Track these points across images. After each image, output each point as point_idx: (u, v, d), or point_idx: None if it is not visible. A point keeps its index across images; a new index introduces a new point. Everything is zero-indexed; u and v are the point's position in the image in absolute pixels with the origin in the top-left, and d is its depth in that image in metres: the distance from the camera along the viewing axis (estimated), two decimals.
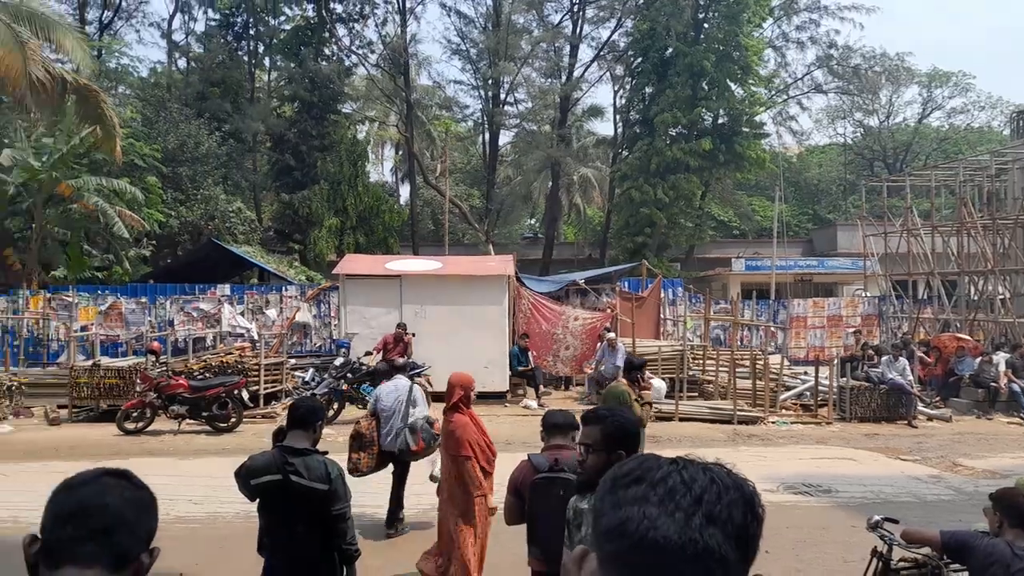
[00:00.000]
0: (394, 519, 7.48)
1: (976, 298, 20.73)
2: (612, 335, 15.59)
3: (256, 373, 14.44)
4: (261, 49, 34.37)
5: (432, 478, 7.06)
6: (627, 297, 18.64)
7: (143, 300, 18.59)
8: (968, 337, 17.68)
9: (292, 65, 31.68)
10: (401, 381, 7.76)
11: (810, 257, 32.78)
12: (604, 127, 41.62)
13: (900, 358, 14.80)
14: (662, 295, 19.91)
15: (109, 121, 18.92)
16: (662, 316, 19.88)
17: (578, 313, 18.00)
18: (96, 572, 1.39)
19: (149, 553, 1.49)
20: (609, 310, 18.30)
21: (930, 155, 44.11)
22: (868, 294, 24.06)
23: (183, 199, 25.54)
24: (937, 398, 16.14)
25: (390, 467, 7.57)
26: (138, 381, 13.04)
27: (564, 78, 34.14)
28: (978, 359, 15.98)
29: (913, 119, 47.61)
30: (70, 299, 18.19)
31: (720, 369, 15.98)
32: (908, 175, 24.14)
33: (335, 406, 13.46)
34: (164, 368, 13.86)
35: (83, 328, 17.93)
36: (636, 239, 30.12)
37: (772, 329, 20.51)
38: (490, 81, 34.12)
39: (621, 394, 6.03)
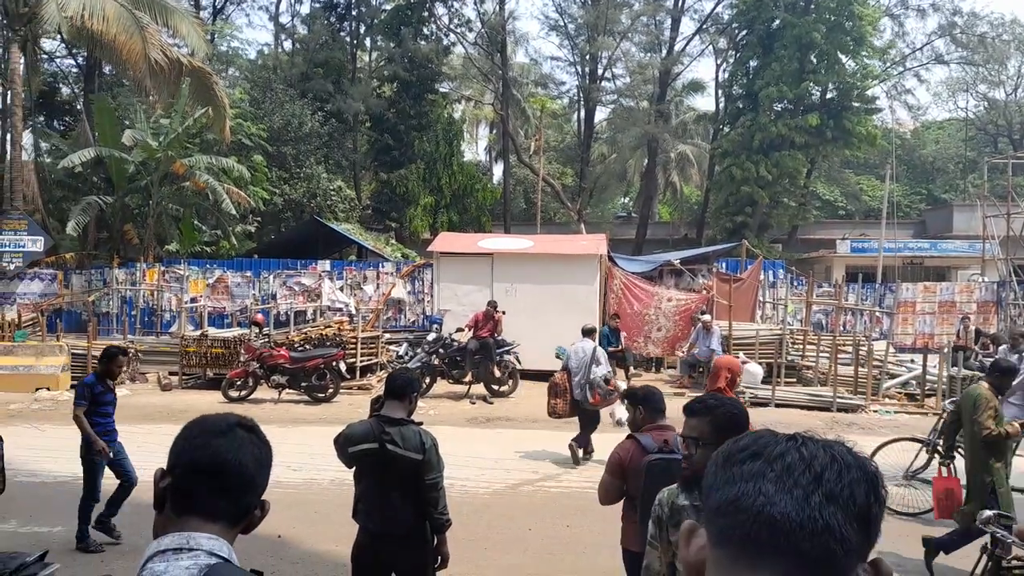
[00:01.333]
0: (582, 454, 9.35)
1: None
2: (707, 317, 15.22)
3: (353, 346, 14.90)
4: (363, 30, 35.05)
5: (618, 423, 9.01)
6: (725, 279, 18.13)
7: (248, 274, 19.46)
8: None
9: (392, 45, 32.19)
10: (587, 344, 9.57)
11: (922, 239, 31.00)
12: (705, 102, 40.56)
13: (1021, 347, 13.80)
14: (762, 277, 19.27)
15: (220, 102, 19.83)
16: (761, 299, 19.25)
17: (672, 294, 17.66)
18: (220, 527, 1.47)
19: (261, 506, 1.55)
20: (705, 291, 17.86)
21: None
22: (986, 279, 22.53)
23: (287, 177, 26.49)
24: None
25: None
26: (242, 351, 13.69)
27: (664, 52, 33.32)
28: None
29: None
30: (182, 272, 19.24)
31: (821, 355, 15.35)
32: None
33: (427, 380, 13.73)
34: (267, 339, 14.49)
35: (193, 300, 18.95)
36: (736, 219, 29.22)
37: (877, 314, 19.54)
38: (587, 57, 33.68)
39: (978, 398, 5.67)
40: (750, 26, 30.73)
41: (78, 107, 27.21)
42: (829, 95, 30.56)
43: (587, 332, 10.00)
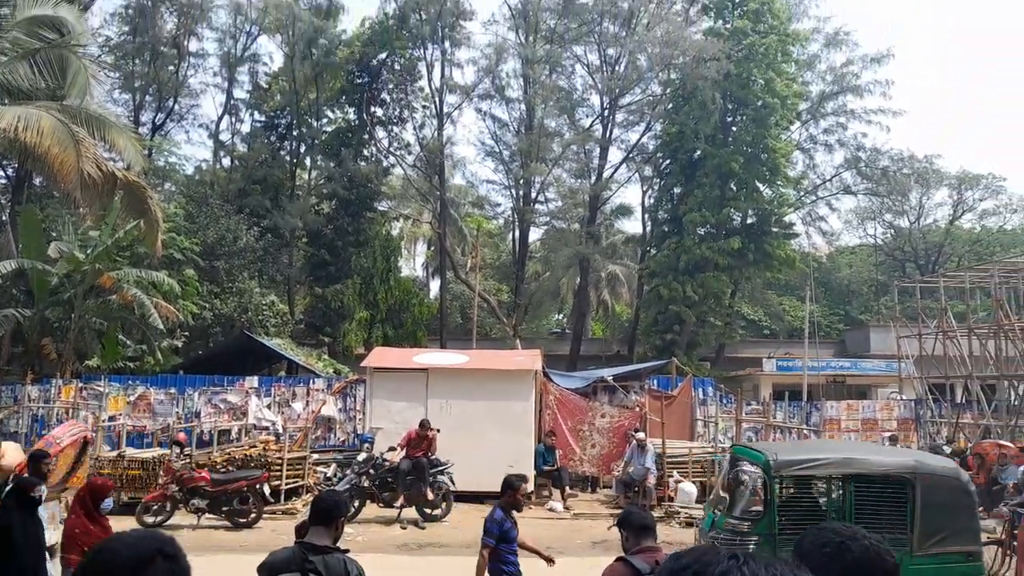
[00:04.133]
0: None
1: (1017, 403, 20.08)
2: (641, 435, 15.30)
3: (279, 468, 14.34)
4: (303, 149, 35.81)
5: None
6: (657, 396, 18.37)
7: (172, 391, 18.77)
8: (1011, 444, 17.01)
9: (332, 164, 32.90)
10: None
11: (843, 358, 32.23)
12: (633, 225, 42.17)
13: None
14: (692, 394, 19.59)
15: (153, 216, 19.67)
16: (694, 417, 19.50)
17: (605, 410, 17.75)
18: None
19: None
20: (638, 408, 18.02)
21: (963, 257, 43.75)
22: (904, 397, 23.43)
23: (218, 292, 26.12)
24: (981, 508, 15.39)
25: None
26: (161, 473, 13.02)
27: (594, 178, 34.90)
28: (1022, 468, 15.31)
29: (944, 220, 47.49)
30: (101, 389, 18.42)
31: None
32: (942, 276, 23.93)
33: (356, 503, 13.24)
34: (188, 460, 13.84)
35: (111, 418, 18.07)
36: (665, 336, 29.95)
37: (805, 432, 19.98)
38: (521, 181, 34.99)
39: None
40: (673, 156, 32.68)
41: (3, 218, 26.59)
42: (749, 220, 32.34)
43: None
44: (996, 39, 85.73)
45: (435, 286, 44.82)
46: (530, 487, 15.39)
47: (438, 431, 14.21)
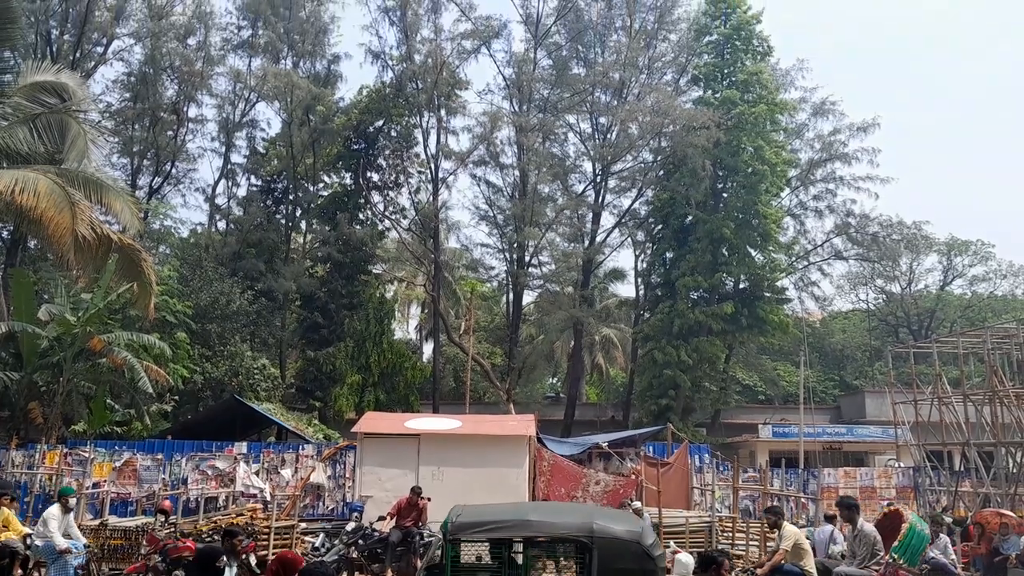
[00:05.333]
0: None
1: (1015, 471, 19.84)
2: (638, 504, 14.99)
3: (266, 537, 13.96)
4: (298, 213, 36.10)
5: None
6: (652, 463, 18.09)
7: (159, 457, 18.40)
8: (1011, 513, 16.74)
9: (327, 228, 33.13)
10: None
11: (838, 424, 31.98)
12: (626, 289, 42.46)
13: (941, 535, 13.96)
14: (689, 462, 19.32)
15: (147, 279, 19.63)
16: (690, 485, 19.18)
17: (600, 477, 17.46)
18: None
19: None
20: (633, 476, 17.72)
21: (955, 322, 43.94)
22: (901, 464, 23.16)
23: (209, 355, 25.92)
24: None
25: None
26: (144, 542, 12.64)
27: (587, 243, 35.18)
28: None
29: (935, 286, 47.89)
30: (86, 454, 18.06)
31: (751, 542, 15.15)
32: (935, 342, 23.93)
33: (344, 575, 12.85)
34: (173, 529, 13.47)
35: (95, 485, 17.67)
36: (660, 401, 29.72)
37: (803, 500, 19.66)
38: (515, 245, 35.25)
39: None
40: (665, 221, 33.07)
41: None
42: (742, 285, 32.52)
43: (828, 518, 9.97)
44: (975, 112, 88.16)
45: (428, 349, 44.58)
46: None
47: (429, 500, 13.91)
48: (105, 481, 17.81)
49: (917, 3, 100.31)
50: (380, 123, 34.21)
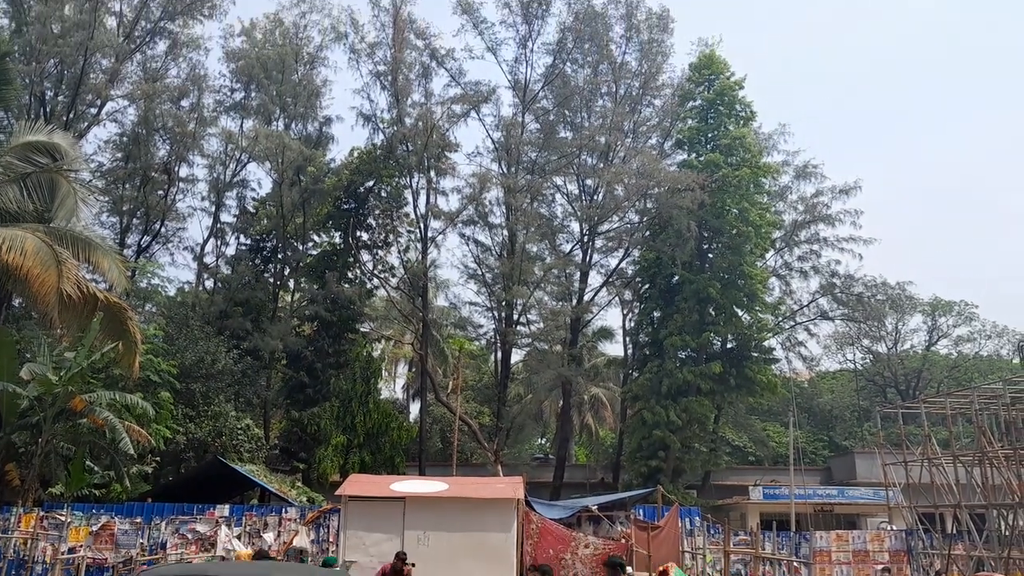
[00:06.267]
0: None
1: (1008, 533, 19.62)
2: (629, 570, 14.67)
3: None
4: (287, 272, 36.11)
5: None
6: (643, 526, 17.76)
7: (137, 520, 17.93)
8: None
9: (315, 287, 33.11)
10: None
11: (829, 486, 31.69)
12: (614, 348, 42.34)
13: None
14: (679, 525, 18.99)
15: (132, 337, 19.46)
16: (681, 548, 18.82)
17: (589, 540, 17.11)
18: None
19: None
20: (623, 540, 17.39)
21: (942, 382, 44.09)
22: (894, 527, 22.87)
23: (193, 415, 25.55)
24: None
25: None
26: None
27: (575, 301, 35.30)
28: None
29: (921, 346, 48.19)
30: (63, 518, 17.59)
31: None
32: (923, 402, 23.93)
33: None
34: None
35: (71, 550, 17.16)
36: (650, 463, 29.42)
37: (795, 564, 19.33)
38: (503, 303, 35.33)
39: None
40: (652, 281, 33.30)
41: None
42: (729, 345, 32.61)
43: None
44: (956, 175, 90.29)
45: (415, 409, 44.19)
46: None
47: (413, 565, 13.57)
48: (81, 546, 17.32)
49: (896, 78, 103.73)
50: (370, 183, 34.59)
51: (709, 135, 33.86)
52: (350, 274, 34.40)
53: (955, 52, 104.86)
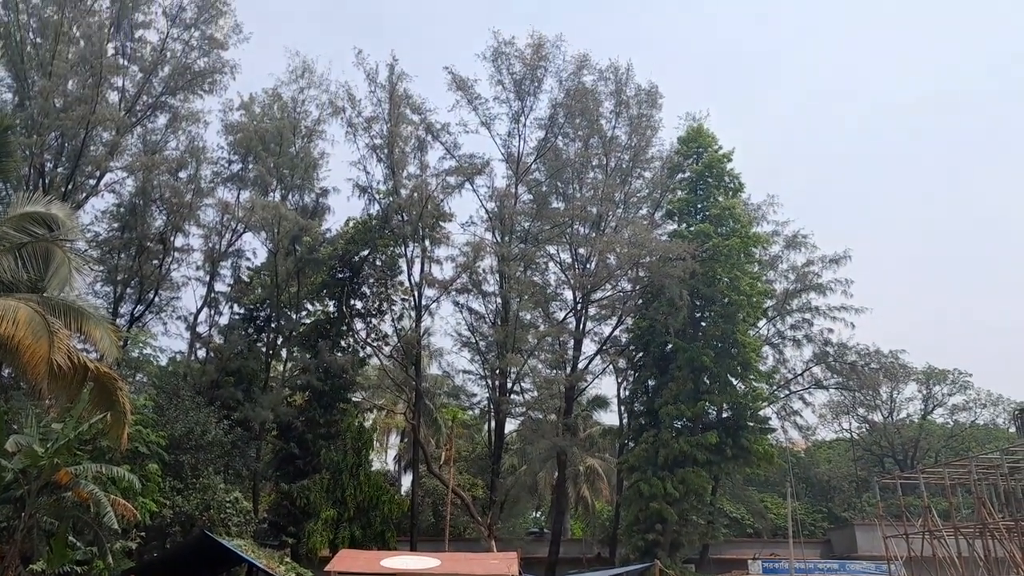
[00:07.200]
0: None
1: None
2: None
3: None
4: (280, 341, 35.96)
5: None
6: None
7: None
8: None
9: (308, 356, 32.96)
10: None
11: (830, 559, 31.08)
12: (610, 417, 42.00)
13: None
14: None
15: (121, 408, 19.22)
16: None
17: None
18: None
19: None
20: None
21: (940, 452, 43.73)
22: None
23: (181, 488, 25.04)
24: None
25: None
26: None
27: (569, 369, 35.18)
28: None
29: (917, 415, 47.95)
30: None
31: None
32: (921, 473, 23.72)
33: None
34: None
35: None
36: (647, 536, 28.82)
37: None
38: (497, 371, 35.18)
39: None
40: (646, 349, 33.30)
41: None
42: (725, 414, 32.43)
43: None
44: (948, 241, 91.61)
45: (407, 481, 43.46)
46: None
47: None
48: None
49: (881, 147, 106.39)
50: (365, 252, 34.86)
51: (699, 206, 34.44)
52: (343, 342, 34.32)
53: (944, 127, 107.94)
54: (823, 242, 37.69)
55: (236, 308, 36.32)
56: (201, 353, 36.83)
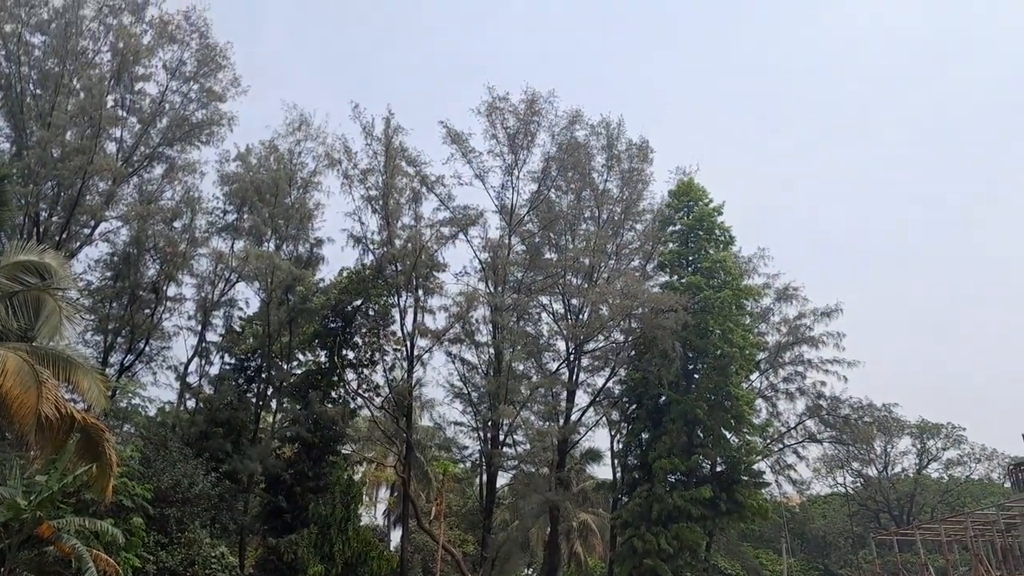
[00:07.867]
0: None
1: None
2: None
3: None
4: (270, 391, 35.64)
5: None
6: None
7: None
8: None
9: (298, 407, 32.64)
10: None
11: None
12: (603, 471, 41.55)
13: None
14: None
15: (107, 460, 18.92)
16: None
17: None
18: None
19: None
20: None
21: (935, 507, 43.29)
22: None
23: (165, 542, 24.49)
24: None
25: None
26: None
27: (562, 421, 34.92)
28: None
29: (911, 469, 47.60)
30: None
31: None
32: (917, 529, 23.46)
33: None
34: None
35: None
36: None
37: None
38: (489, 423, 34.89)
39: None
40: (639, 401, 33.14)
41: None
42: (719, 468, 32.11)
43: None
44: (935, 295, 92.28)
45: (396, 536, 42.64)
46: None
47: None
48: None
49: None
50: (359, 302, 34.83)
51: (690, 258, 34.72)
52: (334, 393, 34.04)
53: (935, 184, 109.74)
54: (814, 295, 37.86)
55: (227, 358, 36.08)
56: (191, 403, 36.44)
